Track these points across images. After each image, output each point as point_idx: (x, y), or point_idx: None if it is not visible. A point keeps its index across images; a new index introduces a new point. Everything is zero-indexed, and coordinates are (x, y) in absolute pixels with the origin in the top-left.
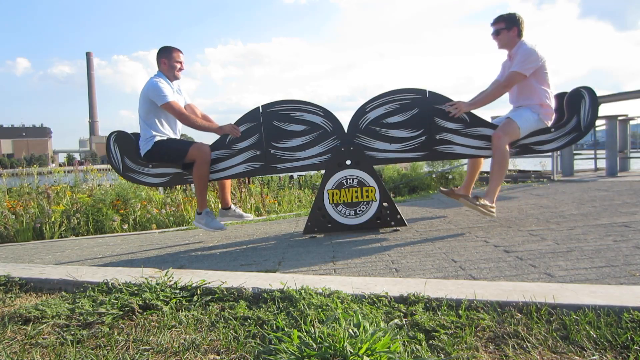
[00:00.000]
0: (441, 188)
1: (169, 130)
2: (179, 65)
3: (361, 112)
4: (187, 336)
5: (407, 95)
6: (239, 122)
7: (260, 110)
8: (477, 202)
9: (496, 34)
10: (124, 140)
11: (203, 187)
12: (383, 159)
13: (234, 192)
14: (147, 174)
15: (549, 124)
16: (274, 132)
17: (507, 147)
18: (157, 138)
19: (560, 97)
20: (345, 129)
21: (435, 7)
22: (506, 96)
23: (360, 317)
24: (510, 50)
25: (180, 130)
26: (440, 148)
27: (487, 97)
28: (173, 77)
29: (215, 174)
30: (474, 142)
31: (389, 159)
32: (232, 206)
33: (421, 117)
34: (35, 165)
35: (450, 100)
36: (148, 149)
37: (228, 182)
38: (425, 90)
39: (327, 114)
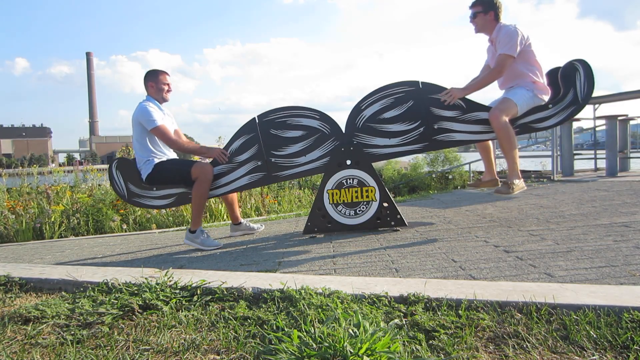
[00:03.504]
0: (468, 183)
1: (164, 150)
2: (166, 87)
3: (357, 110)
4: (187, 336)
5: (401, 89)
6: (236, 136)
7: (257, 121)
8: (510, 189)
9: (473, 17)
10: (125, 166)
11: (201, 206)
12: (384, 155)
13: None
14: (152, 197)
15: (545, 99)
16: (272, 141)
17: (508, 122)
18: (156, 160)
19: (554, 72)
20: (343, 129)
21: (435, 7)
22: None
23: (360, 317)
24: (490, 35)
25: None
26: (440, 137)
27: (480, 82)
28: (162, 100)
29: (219, 189)
30: (472, 127)
31: (390, 153)
32: (243, 221)
33: (417, 108)
34: (35, 165)
35: (444, 89)
36: (149, 172)
37: (235, 198)
38: (418, 82)
39: (323, 117)
